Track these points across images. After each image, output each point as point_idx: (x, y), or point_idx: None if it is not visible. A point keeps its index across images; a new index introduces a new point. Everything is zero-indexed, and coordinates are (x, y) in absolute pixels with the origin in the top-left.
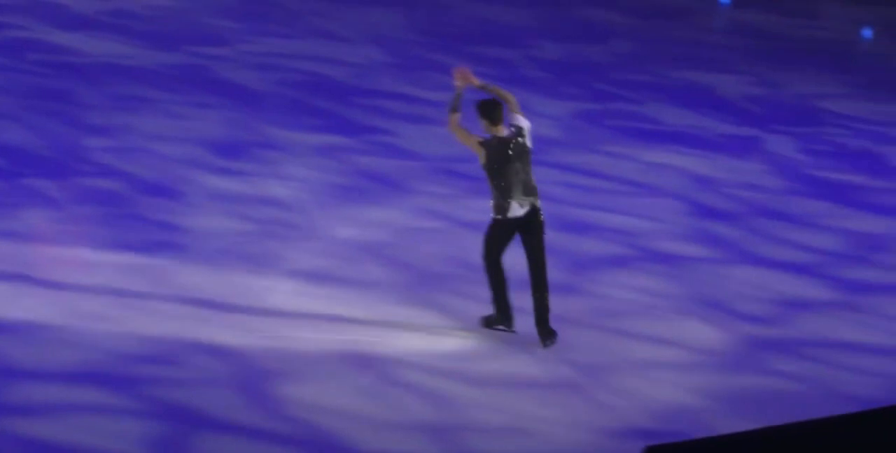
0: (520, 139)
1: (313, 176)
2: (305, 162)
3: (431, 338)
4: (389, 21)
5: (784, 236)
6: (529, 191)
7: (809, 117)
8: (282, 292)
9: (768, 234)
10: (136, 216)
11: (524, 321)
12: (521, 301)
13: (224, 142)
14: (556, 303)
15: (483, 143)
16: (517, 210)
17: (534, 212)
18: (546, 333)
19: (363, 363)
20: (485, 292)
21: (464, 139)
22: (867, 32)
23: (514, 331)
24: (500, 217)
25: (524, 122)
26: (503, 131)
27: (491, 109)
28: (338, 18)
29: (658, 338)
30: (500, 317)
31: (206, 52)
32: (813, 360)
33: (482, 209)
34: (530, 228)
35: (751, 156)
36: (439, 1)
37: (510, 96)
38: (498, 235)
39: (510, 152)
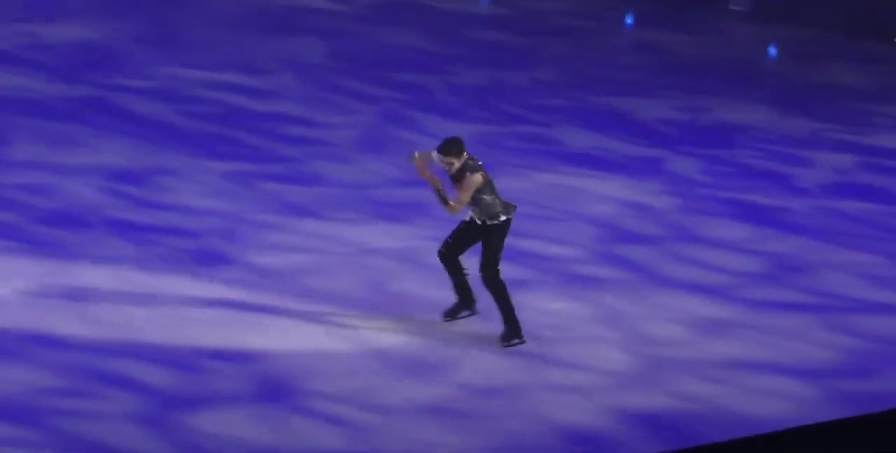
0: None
1: (222, 204)
2: (213, 189)
3: (338, 365)
4: (304, 49)
5: (693, 257)
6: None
7: (719, 137)
8: (194, 320)
9: (678, 256)
10: (34, 248)
11: (427, 344)
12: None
13: (130, 172)
14: (470, 327)
15: (473, 171)
16: (504, 216)
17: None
18: (451, 314)
19: (269, 391)
20: (395, 316)
21: (470, 192)
22: (773, 50)
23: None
24: (510, 217)
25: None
26: (464, 158)
27: (452, 146)
28: (250, 47)
29: (568, 362)
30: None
31: (113, 83)
32: (721, 382)
33: (394, 235)
34: (494, 233)
35: (660, 178)
36: (356, 30)
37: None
38: (463, 237)
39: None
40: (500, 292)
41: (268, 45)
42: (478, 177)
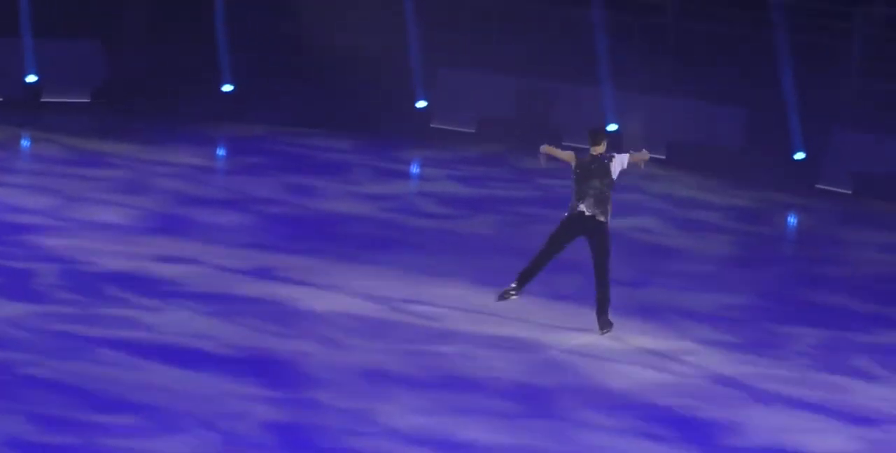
0: (605, 162)
1: None
2: None
3: None
4: None
5: None
6: (599, 204)
7: None
8: None
9: None
10: None
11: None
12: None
13: None
14: None
15: (578, 156)
16: (582, 208)
17: (596, 221)
18: (603, 323)
19: None
20: None
21: (561, 155)
22: None
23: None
24: (567, 214)
25: (622, 156)
26: (596, 153)
27: (594, 135)
28: None
29: None
30: (519, 286)
31: None
32: None
33: None
34: (593, 233)
35: None
36: None
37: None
38: (564, 228)
39: (592, 167)
40: (537, 255)
41: None
42: (572, 157)
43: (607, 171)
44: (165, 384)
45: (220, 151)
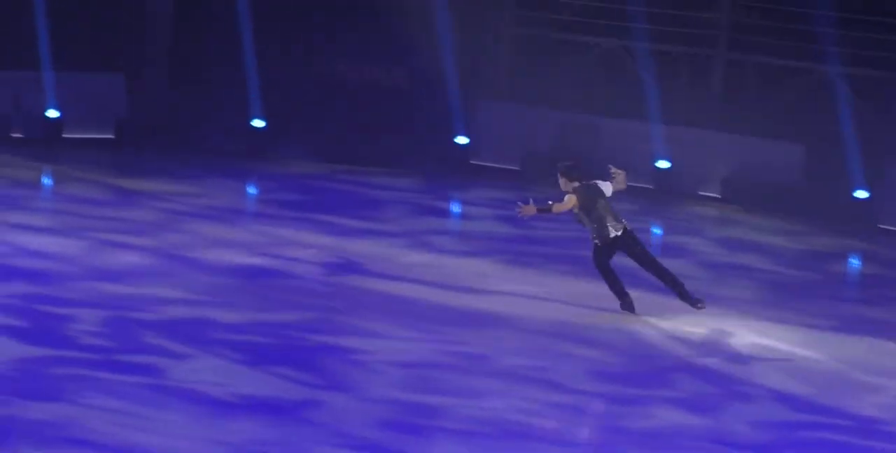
0: (593, 185)
1: None
2: None
3: None
4: None
5: None
6: (615, 218)
7: None
8: None
9: None
10: None
11: None
12: None
13: None
14: None
15: (574, 192)
16: (613, 232)
17: (626, 231)
18: (693, 301)
19: None
20: None
21: (564, 206)
22: None
23: (636, 313)
24: (599, 242)
25: (604, 183)
26: (579, 184)
27: (569, 171)
28: None
29: None
30: (625, 303)
31: None
32: None
33: None
34: (629, 243)
35: None
36: None
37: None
38: (605, 253)
39: (592, 194)
40: (608, 281)
41: None
42: (571, 199)
43: (600, 190)
44: (177, 431)
45: (251, 189)
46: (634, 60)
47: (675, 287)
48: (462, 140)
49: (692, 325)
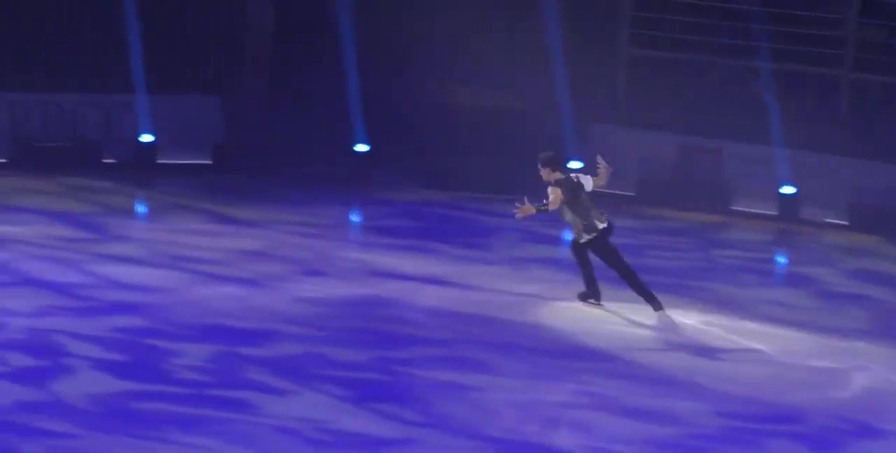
0: (575, 180)
1: None
2: None
3: None
4: None
5: None
6: (598, 212)
7: None
8: None
9: None
10: None
11: None
12: None
13: None
14: None
15: (557, 185)
16: (600, 225)
17: (610, 225)
18: (656, 304)
19: None
20: None
21: (555, 203)
22: None
23: (601, 304)
24: (592, 236)
25: (586, 177)
26: (561, 175)
27: (551, 161)
28: None
29: None
30: (592, 293)
31: None
32: None
33: None
34: (608, 238)
35: None
36: None
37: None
38: (604, 244)
39: (574, 186)
40: (584, 272)
41: None
42: (556, 192)
43: (581, 183)
44: None
45: (355, 216)
46: (757, 81)
47: (641, 287)
48: (575, 165)
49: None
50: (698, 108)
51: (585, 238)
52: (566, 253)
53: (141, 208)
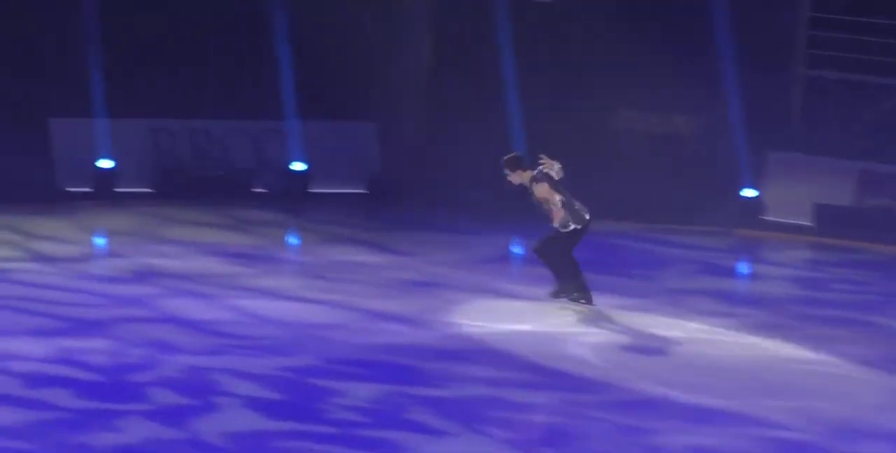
0: (544, 170)
1: None
2: None
3: None
4: None
5: None
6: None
7: None
8: None
9: None
10: None
11: None
12: None
13: None
14: None
15: (540, 181)
16: (587, 215)
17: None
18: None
19: None
20: None
21: (553, 198)
22: None
23: (593, 305)
24: (579, 226)
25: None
26: (532, 171)
27: (518, 162)
28: None
29: None
30: (583, 295)
31: None
32: None
33: None
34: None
35: None
36: None
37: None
38: (578, 239)
39: (552, 179)
40: (570, 270)
41: None
42: (542, 187)
43: (552, 175)
44: None
45: (517, 248)
46: None
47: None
48: (750, 193)
49: None
50: (881, 134)
51: (572, 227)
52: (539, 248)
53: (294, 239)
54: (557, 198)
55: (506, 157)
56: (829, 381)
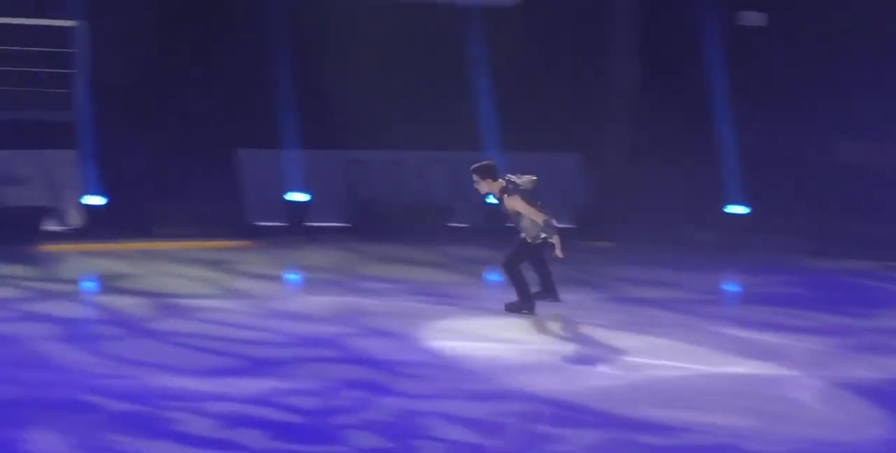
0: (514, 180)
1: None
2: None
3: None
4: None
5: None
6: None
7: None
8: None
9: None
10: None
11: None
12: None
13: None
14: None
15: (512, 193)
16: (557, 223)
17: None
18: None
19: None
20: None
21: (530, 207)
22: None
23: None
24: (544, 236)
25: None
26: (503, 182)
27: (490, 170)
28: None
29: None
30: (549, 293)
31: None
32: None
33: None
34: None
35: None
36: None
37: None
38: (544, 250)
39: (523, 190)
40: (519, 280)
41: None
42: (527, 204)
43: (519, 185)
44: None
45: (730, 286)
46: None
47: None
48: None
49: None
50: None
51: (542, 237)
52: (508, 263)
53: (495, 276)
54: (532, 210)
55: (478, 165)
56: None
